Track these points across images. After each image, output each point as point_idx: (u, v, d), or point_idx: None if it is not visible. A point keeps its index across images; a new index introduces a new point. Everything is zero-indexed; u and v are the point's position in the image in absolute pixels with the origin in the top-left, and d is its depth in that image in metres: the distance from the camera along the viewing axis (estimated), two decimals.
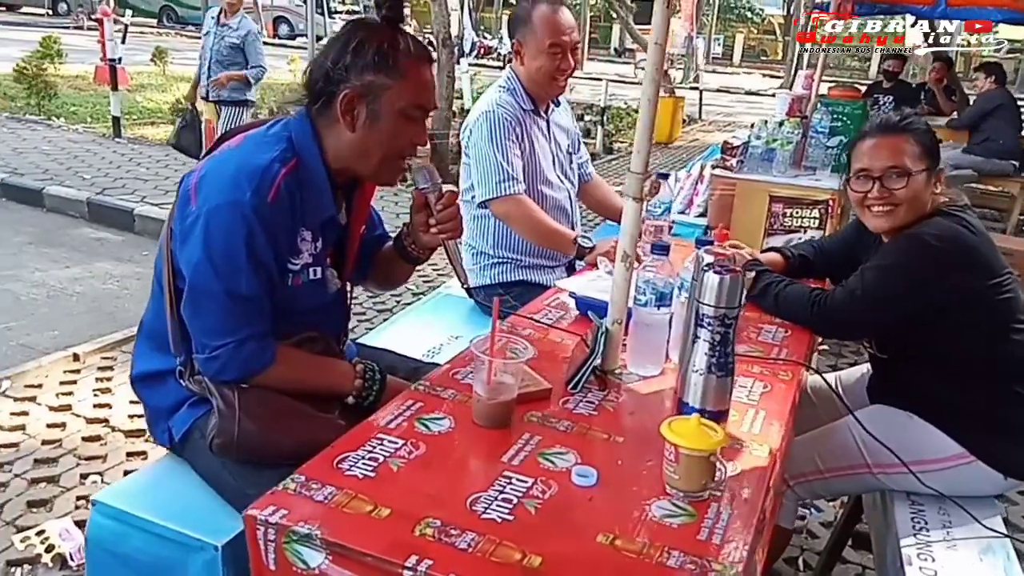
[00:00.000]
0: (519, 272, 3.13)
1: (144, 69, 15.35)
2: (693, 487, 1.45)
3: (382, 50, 1.78)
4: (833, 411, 2.42)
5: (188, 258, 1.75)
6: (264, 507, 1.37)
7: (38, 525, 2.84)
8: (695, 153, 10.27)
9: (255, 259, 1.72)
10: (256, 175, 1.71)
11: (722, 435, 1.47)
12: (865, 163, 2.27)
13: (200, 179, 1.77)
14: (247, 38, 6.66)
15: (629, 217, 1.85)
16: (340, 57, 1.79)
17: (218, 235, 1.71)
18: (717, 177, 3.76)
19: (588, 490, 1.48)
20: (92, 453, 3.33)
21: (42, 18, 29.31)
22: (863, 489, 2.48)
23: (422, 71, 1.84)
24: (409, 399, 1.76)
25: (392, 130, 1.82)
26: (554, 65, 2.95)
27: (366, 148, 1.84)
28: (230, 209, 1.69)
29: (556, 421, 1.71)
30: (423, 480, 1.47)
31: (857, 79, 23.86)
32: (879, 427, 2.17)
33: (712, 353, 1.66)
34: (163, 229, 1.89)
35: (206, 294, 1.74)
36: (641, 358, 1.95)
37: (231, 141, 1.87)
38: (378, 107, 1.80)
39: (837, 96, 4.46)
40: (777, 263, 2.66)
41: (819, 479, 2.35)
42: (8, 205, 7.14)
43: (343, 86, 1.78)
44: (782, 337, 2.30)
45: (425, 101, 1.86)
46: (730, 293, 1.65)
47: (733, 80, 28.43)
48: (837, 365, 4.65)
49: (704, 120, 16.48)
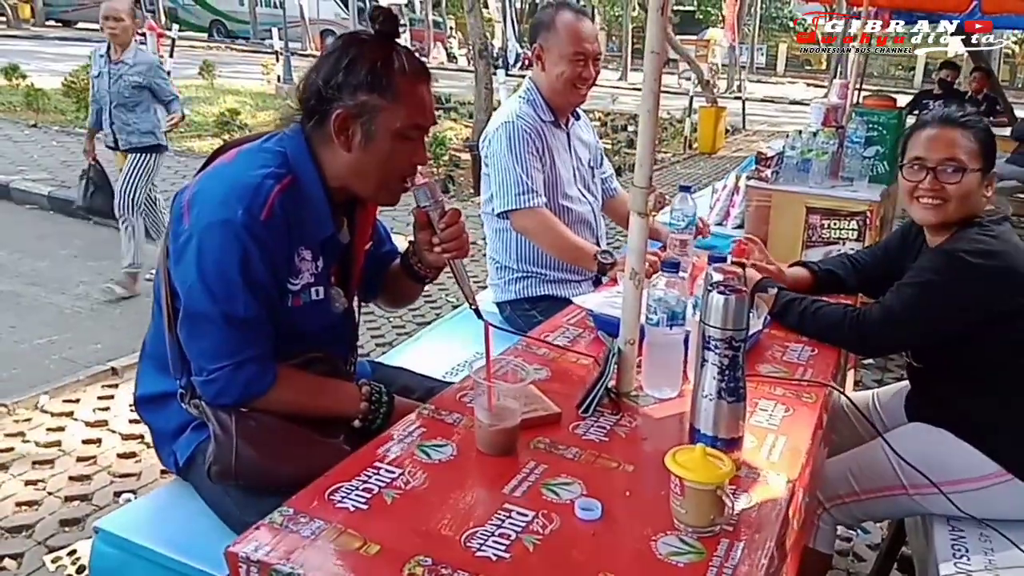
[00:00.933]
0: (544, 286, 3.06)
1: (192, 82, 15.57)
2: (701, 522, 1.37)
3: (375, 69, 1.72)
4: (871, 429, 2.30)
5: (182, 279, 1.71)
6: (247, 542, 1.32)
7: (70, 545, 2.84)
8: (738, 164, 10.16)
9: (250, 279, 1.67)
10: (248, 193, 1.66)
11: (730, 466, 1.38)
12: (921, 152, 2.18)
13: (192, 196, 1.72)
14: (150, 73, 5.61)
15: (635, 233, 1.77)
16: (332, 75, 1.73)
17: (211, 256, 1.66)
18: (752, 188, 3.65)
19: (592, 524, 1.40)
20: (126, 470, 3.34)
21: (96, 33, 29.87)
22: (901, 512, 2.38)
23: (418, 90, 1.78)
24: (412, 424, 1.70)
25: (389, 151, 1.76)
26: (576, 73, 2.89)
27: (363, 169, 1.78)
28: (222, 228, 1.65)
29: (564, 448, 1.64)
30: (418, 513, 1.41)
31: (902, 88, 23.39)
32: (912, 446, 2.08)
33: (721, 377, 1.57)
34: (160, 247, 1.84)
35: (202, 316, 1.70)
36: (657, 380, 1.87)
37: (225, 156, 1.83)
38: (373, 128, 1.74)
39: (872, 105, 4.31)
40: (803, 278, 2.56)
41: (855, 501, 2.24)
42: (55, 218, 7.25)
43: (336, 105, 1.73)
44: (808, 356, 2.19)
45: (422, 120, 1.79)
46: (736, 314, 1.56)
47: (777, 90, 28.14)
48: (883, 380, 4.49)
49: (747, 130, 16.29)
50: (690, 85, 14.67)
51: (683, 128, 13.94)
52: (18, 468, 3.31)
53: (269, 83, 16.89)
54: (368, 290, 2.14)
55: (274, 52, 18.62)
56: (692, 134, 13.63)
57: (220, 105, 12.56)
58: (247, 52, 27.43)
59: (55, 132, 10.49)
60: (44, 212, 7.40)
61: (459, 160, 10.44)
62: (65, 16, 33.08)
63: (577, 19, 2.90)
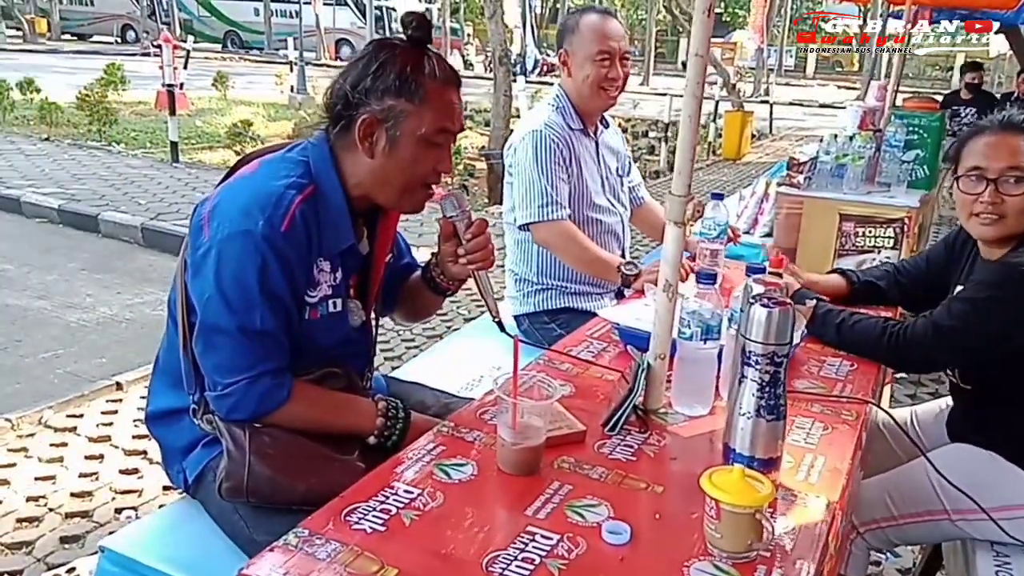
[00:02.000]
0: (565, 299, 2.98)
1: (206, 94, 15.64)
2: (737, 547, 1.28)
3: (404, 73, 1.67)
4: (909, 448, 2.19)
5: (200, 291, 1.66)
6: (261, 564, 1.25)
7: (69, 563, 2.77)
8: (765, 170, 10.04)
9: (269, 292, 1.63)
10: (269, 203, 1.62)
11: (770, 489, 1.29)
12: (980, 161, 2.04)
13: (213, 208, 1.68)
14: None
15: (670, 243, 1.69)
16: (360, 79, 1.69)
17: (230, 268, 1.61)
18: (783, 195, 3.55)
19: (620, 549, 1.32)
20: (128, 487, 3.27)
21: (110, 46, 30.19)
22: (941, 537, 2.25)
23: (446, 95, 1.73)
24: (431, 442, 1.62)
25: (413, 157, 1.71)
26: (602, 74, 2.81)
27: (386, 175, 1.73)
28: (242, 240, 1.60)
29: (590, 468, 1.55)
30: (437, 536, 1.33)
31: (938, 88, 23.18)
32: (957, 469, 1.95)
33: (761, 395, 1.48)
34: (178, 260, 1.79)
35: (217, 329, 1.64)
36: (687, 396, 1.78)
37: (247, 167, 1.78)
38: (398, 133, 1.69)
39: (913, 108, 4.20)
40: (840, 288, 2.47)
41: (892, 526, 2.12)
42: (64, 231, 7.23)
43: (362, 110, 1.68)
44: (847, 372, 2.09)
45: (448, 125, 1.74)
46: (780, 328, 1.46)
47: (806, 93, 27.97)
48: (916, 395, 4.37)
49: (775, 135, 16.09)
50: (715, 89, 14.54)
51: (707, 133, 13.75)
52: (20, 484, 3.24)
53: (282, 93, 16.94)
54: (386, 303, 2.08)
55: (288, 62, 18.72)
56: (716, 139, 13.47)
57: (232, 116, 12.57)
58: (261, 63, 27.61)
59: (67, 145, 10.51)
60: (53, 225, 7.38)
61: (474, 169, 10.42)
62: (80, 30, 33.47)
63: (602, 19, 2.83)
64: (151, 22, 31.57)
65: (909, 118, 3.87)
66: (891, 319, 2.17)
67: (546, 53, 29.81)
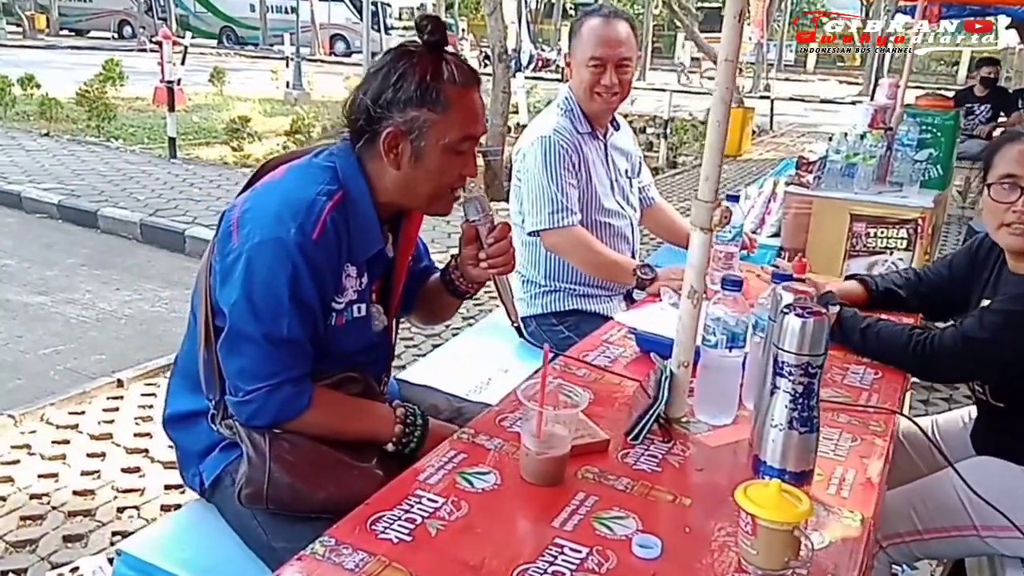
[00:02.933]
0: (573, 300, 2.95)
1: (202, 89, 15.59)
2: (773, 564, 1.25)
3: (425, 82, 1.64)
4: (932, 460, 2.15)
5: (228, 297, 1.63)
6: (290, 574, 1.23)
7: (72, 562, 2.74)
8: (766, 167, 9.97)
9: (298, 300, 1.61)
10: (301, 210, 1.60)
11: (808, 505, 1.26)
12: (1014, 169, 1.97)
13: (242, 214, 1.65)
14: None
15: (696, 249, 1.67)
16: (381, 92, 1.66)
17: (260, 275, 1.59)
18: (791, 195, 3.51)
19: (651, 563, 1.29)
20: (130, 485, 3.24)
21: (108, 42, 30.11)
22: (968, 553, 2.19)
23: (469, 99, 1.70)
24: (451, 449, 1.60)
25: (439, 166, 1.69)
26: (594, 80, 2.77)
27: (412, 184, 1.72)
28: (273, 247, 1.58)
29: (614, 478, 1.53)
30: (464, 546, 1.31)
31: (943, 84, 23.07)
32: (986, 482, 1.88)
33: (794, 406, 1.45)
34: (202, 262, 1.76)
35: (243, 335, 1.62)
36: (710, 405, 1.76)
37: (274, 172, 1.75)
38: (423, 144, 1.67)
39: (926, 106, 4.13)
40: (857, 293, 2.42)
41: (916, 540, 2.07)
42: (64, 227, 7.19)
43: (385, 123, 1.66)
44: (872, 380, 2.05)
45: (473, 131, 1.72)
46: (814, 338, 1.44)
47: (806, 88, 27.79)
48: (929, 400, 4.27)
49: (775, 131, 15.97)
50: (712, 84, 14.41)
51: (706, 130, 13.64)
52: (23, 481, 3.22)
53: (277, 89, 16.88)
54: (403, 306, 2.06)
55: (283, 58, 18.66)
56: None
57: (230, 112, 12.53)
58: (256, 58, 27.48)
59: (66, 141, 10.44)
60: (53, 221, 7.33)
61: None
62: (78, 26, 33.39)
63: (603, 23, 2.76)
64: (148, 18, 31.51)
65: (922, 116, 3.81)
66: (917, 327, 2.13)
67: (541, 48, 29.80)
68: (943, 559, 2.57)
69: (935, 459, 2.11)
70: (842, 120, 17.65)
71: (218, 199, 7.79)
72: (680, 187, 9.97)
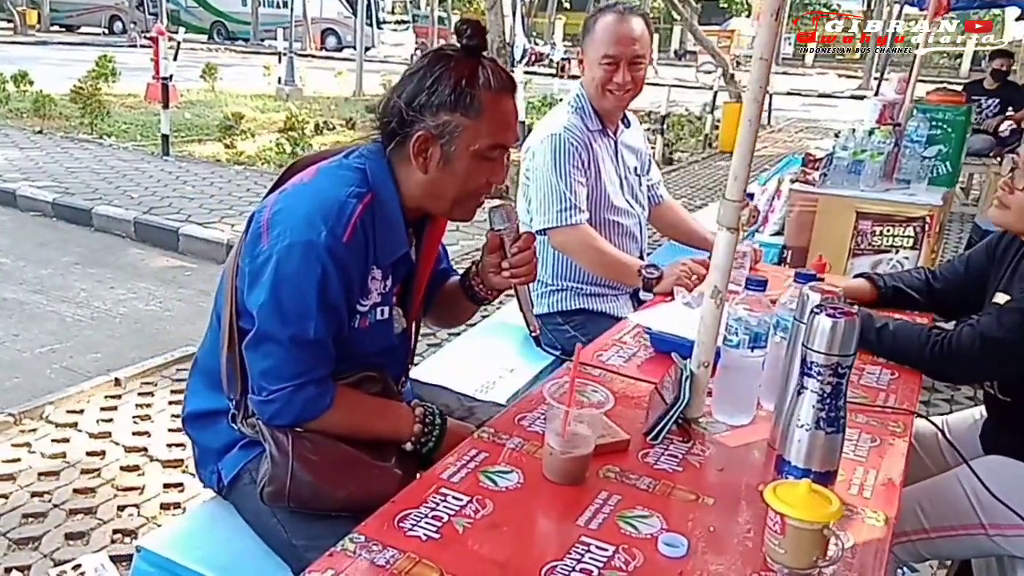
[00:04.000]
0: (580, 300, 2.95)
1: (194, 86, 15.50)
2: (801, 563, 1.26)
3: (460, 86, 1.63)
4: (940, 460, 2.15)
5: (256, 299, 1.63)
6: (323, 570, 1.24)
7: (75, 559, 2.73)
8: (765, 163, 9.90)
9: (326, 303, 1.60)
10: (332, 213, 1.59)
11: (838, 504, 1.27)
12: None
13: (272, 216, 1.64)
14: None
15: (722, 249, 1.67)
16: (415, 95, 1.65)
17: (289, 277, 1.59)
18: (796, 192, 3.48)
19: (678, 562, 1.30)
20: (130, 484, 3.23)
21: (98, 37, 29.94)
22: (976, 552, 2.18)
23: (503, 105, 1.69)
24: (472, 448, 1.60)
25: (467, 171, 1.68)
26: (606, 78, 2.76)
27: (439, 189, 1.71)
28: (303, 250, 1.57)
29: (636, 478, 1.53)
30: (492, 544, 1.32)
31: (946, 78, 23.01)
32: (997, 481, 1.88)
33: (822, 406, 1.46)
34: (228, 263, 1.76)
35: (269, 336, 1.62)
36: (729, 406, 1.76)
37: (303, 173, 1.74)
38: (453, 148, 1.66)
39: (936, 101, 4.04)
40: (864, 292, 2.41)
41: (923, 539, 2.06)
42: (58, 225, 7.15)
43: (417, 126, 1.65)
44: (888, 380, 2.05)
45: (504, 139, 1.71)
46: (844, 339, 1.44)
47: (805, 82, 27.65)
48: (930, 401, 4.21)
49: (773, 126, 15.83)
50: (709, 79, 14.21)
51: (704, 125, 13.49)
52: (25, 479, 3.20)
53: (269, 85, 16.81)
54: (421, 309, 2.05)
55: (275, 53, 18.58)
56: (713, 132, 13.16)
57: (222, 109, 12.47)
58: (247, 53, 27.37)
59: (60, 138, 10.37)
60: (48, 219, 7.28)
61: None
62: (68, 21, 33.19)
63: (617, 21, 2.75)
64: (139, 13, 31.38)
65: (932, 112, 3.76)
66: (934, 327, 2.13)
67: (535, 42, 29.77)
68: (949, 560, 2.56)
69: (944, 459, 2.11)
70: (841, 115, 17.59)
71: (211, 197, 7.76)
72: (677, 184, 9.92)
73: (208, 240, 6.50)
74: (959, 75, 25.23)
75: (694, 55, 19.31)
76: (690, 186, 10.06)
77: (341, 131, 12.05)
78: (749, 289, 1.73)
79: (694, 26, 16.79)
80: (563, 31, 32.04)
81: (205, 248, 6.47)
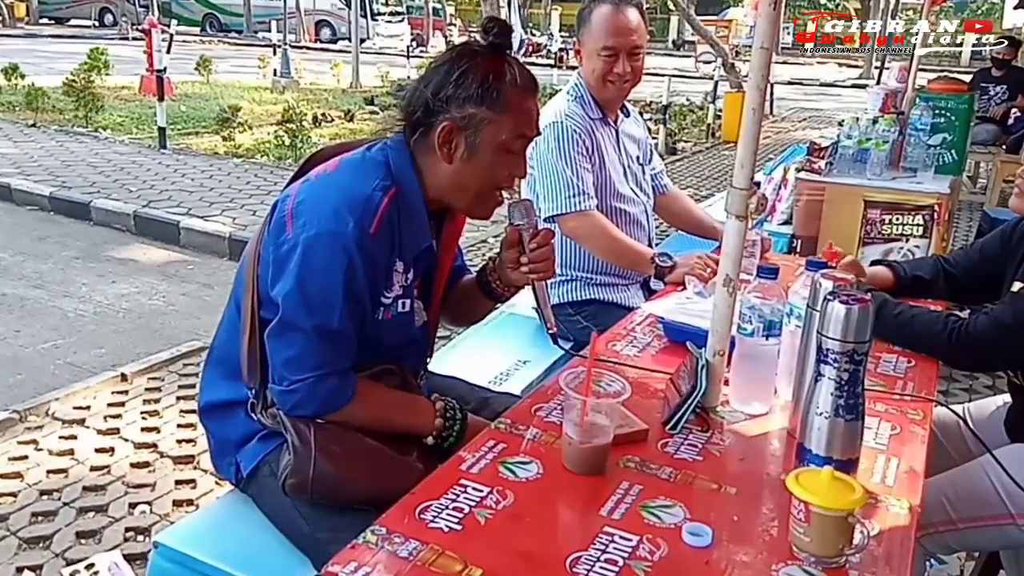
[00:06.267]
0: (590, 290, 2.94)
1: (188, 78, 15.43)
2: (827, 552, 1.26)
3: (487, 81, 1.65)
4: (964, 449, 2.13)
5: (280, 288, 1.63)
6: (345, 563, 1.23)
7: (87, 558, 2.72)
8: (769, 152, 9.89)
9: (351, 294, 1.61)
10: (359, 205, 1.60)
11: (862, 492, 1.27)
12: None
13: (297, 205, 1.65)
14: None
15: (732, 237, 1.67)
16: (442, 87, 1.67)
17: (315, 267, 1.59)
18: (803, 181, 3.48)
19: (703, 551, 1.30)
20: (141, 481, 3.21)
21: (88, 30, 29.80)
22: (1005, 544, 2.14)
23: (527, 102, 1.71)
24: (490, 439, 1.60)
25: (491, 164, 1.70)
26: (607, 68, 2.77)
27: (462, 181, 1.72)
28: (330, 240, 1.58)
29: (657, 468, 1.53)
30: (515, 535, 1.32)
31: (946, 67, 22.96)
32: (1022, 469, 1.85)
33: (840, 393, 1.46)
34: (248, 251, 1.76)
35: (293, 326, 1.62)
36: (746, 394, 1.76)
37: (327, 164, 1.75)
38: (477, 140, 1.67)
39: (939, 89, 4.03)
40: (885, 279, 2.38)
41: (951, 530, 2.01)
42: (56, 219, 7.12)
43: (443, 117, 1.66)
44: (905, 368, 2.04)
45: (527, 131, 1.72)
46: (859, 325, 1.44)
47: (805, 71, 27.67)
48: (948, 391, 4.17)
49: (775, 116, 15.77)
50: (709, 69, 14.18)
51: (706, 115, 13.47)
52: (33, 477, 3.19)
53: (264, 77, 16.75)
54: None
55: (269, 45, 18.49)
56: (716, 121, 13.14)
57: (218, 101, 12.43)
58: (241, 46, 27.22)
59: (54, 132, 10.33)
60: (45, 213, 7.26)
61: None
62: (58, 14, 33.02)
63: (614, 11, 2.75)
64: (129, 5, 31.22)
65: (935, 100, 3.77)
66: (953, 314, 2.11)
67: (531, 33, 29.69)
68: (978, 552, 2.53)
69: (968, 448, 2.09)
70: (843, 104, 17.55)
71: (211, 190, 7.74)
72: (681, 174, 9.91)
73: (210, 233, 6.49)
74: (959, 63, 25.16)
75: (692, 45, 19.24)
76: (695, 176, 10.04)
77: (339, 123, 12.03)
78: (761, 277, 1.73)
79: (691, 16, 16.74)
80: (560, 21, 31.88)
81: (207, 241, 6.45)
